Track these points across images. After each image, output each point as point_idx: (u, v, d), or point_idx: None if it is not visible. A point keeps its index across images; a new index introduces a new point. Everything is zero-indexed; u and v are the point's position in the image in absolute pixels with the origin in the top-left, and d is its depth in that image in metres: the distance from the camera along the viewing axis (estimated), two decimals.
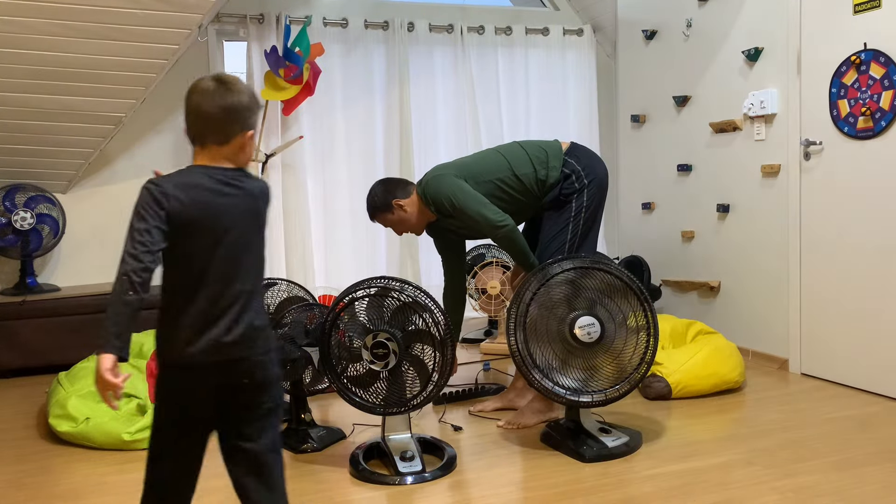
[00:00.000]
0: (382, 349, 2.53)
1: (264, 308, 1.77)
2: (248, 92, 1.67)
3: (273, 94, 4.46)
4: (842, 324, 3.50)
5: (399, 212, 3.01)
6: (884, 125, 3.24)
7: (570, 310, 2.64)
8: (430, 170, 3.07)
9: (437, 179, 2.96)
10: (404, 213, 3.01)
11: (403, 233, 3.11)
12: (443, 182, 2.93)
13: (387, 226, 3.09)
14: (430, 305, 2.56)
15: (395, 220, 3.03)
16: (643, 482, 2.44)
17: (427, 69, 5.06)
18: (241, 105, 1.65)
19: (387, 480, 2.50)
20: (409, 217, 3.02)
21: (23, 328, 4.08)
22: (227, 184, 1.65)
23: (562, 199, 2.96)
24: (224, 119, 1.64)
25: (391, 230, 3.16)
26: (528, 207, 3.02)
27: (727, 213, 4.21)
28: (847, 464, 2.54)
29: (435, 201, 2.95)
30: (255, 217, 1.71)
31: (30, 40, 3.48)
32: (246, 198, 1.68)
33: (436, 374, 2.56)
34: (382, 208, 3.02)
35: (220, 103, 1.62)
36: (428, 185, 2.97)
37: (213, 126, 1.64)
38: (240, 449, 1.71)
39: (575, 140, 5.23)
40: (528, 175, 2.96)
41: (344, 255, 4.96)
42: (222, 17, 4.69)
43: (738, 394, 3.42)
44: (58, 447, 2.97)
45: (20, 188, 4.29)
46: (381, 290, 2.57)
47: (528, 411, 3.04)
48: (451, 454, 2.66)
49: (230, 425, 1.70)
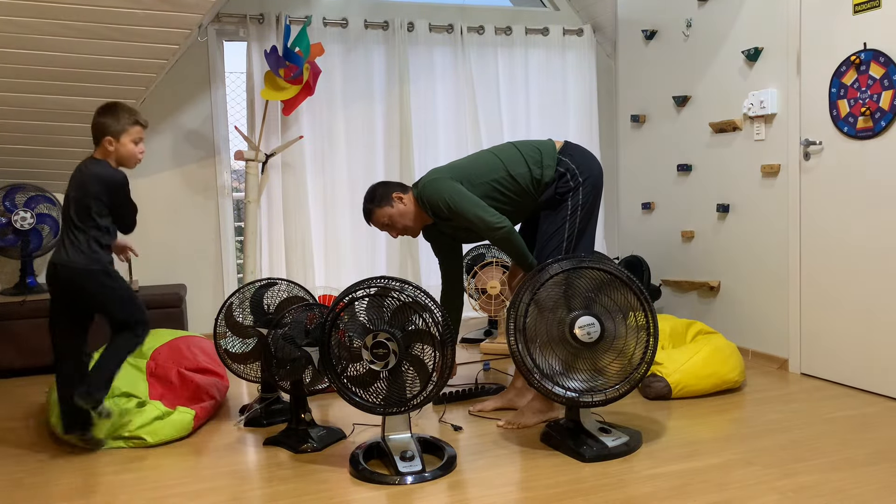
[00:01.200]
0: (382, 349, 2.53)
1: (78, 244, 2.79)
2: (101, 111, 2.82)
3: (273, 94, 4.46)
4: (842, 324, 3.50)
5: (399, 204, 3.02)
6: (883, 125, 3.24)
7: (567, 311, 2.64)
8: (425, 174, 3.08)
9: (433, 183, 2.96)
10: (403, 205, 3.03)
11: (400, 233, 3.11)
12: (439, 185, 2.94)
13: (384, 224, 3.07)
14: (429, 305, 2.56)
15: (395, 213, 3.03)
16: (643, 482, 2.44)
17: (427, 69, 5.06)
18: (97, 122, 2.81)
19: (387, 480, 2.50)
20: (409, 211, 3.03)
21: (23, 328, 4.08)
22: (79, 168, 2.83)
23: (557, 197, 2.97)
24: (92, 131, 2.85)
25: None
26: (524, 207, 3.03)
27: (727, 213, 4.21)
28: (847, 464, 2.54)
29: (431, 204, 2.95)
30: (81, 186, 2.77)
31: (30, 40, 3.48)
32: (79, 175, 2.80)
33: (436, 374, 2.56)
34: (382, 200, 3.02)
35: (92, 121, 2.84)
36: (424, 189, 2.98)
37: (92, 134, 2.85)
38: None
39: (575, 140, 5.26)
40: (523, 175, 2.97)
41: (344, 255, 4.96)
42: (222, 17, 4.69)
43: (738, 394, 3.42)
44: (58, 447, 2.97)
45: (20, 188, 4.29)
46: (381, 290, 2.57)
47: (528, 411, 3.04)
48: (451, 454, 2.66)
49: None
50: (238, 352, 3.21)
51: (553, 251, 2.93)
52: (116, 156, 2.83)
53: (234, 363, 3.22)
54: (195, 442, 2.98)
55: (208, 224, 4.90)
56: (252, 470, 2.67)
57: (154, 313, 4.21)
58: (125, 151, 2.83)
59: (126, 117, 2.82)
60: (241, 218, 5.07)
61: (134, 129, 2.83)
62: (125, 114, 2.82)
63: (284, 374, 2.81)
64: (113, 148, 2.81)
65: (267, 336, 2.83)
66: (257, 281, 3.25)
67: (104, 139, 2.80)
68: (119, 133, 2.80)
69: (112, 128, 2.79)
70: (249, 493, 2.45)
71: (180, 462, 2.77)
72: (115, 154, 2.82)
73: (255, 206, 4.61)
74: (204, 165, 4.87)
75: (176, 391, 3.19)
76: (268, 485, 2.52)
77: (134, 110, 2.86)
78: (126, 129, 2.81)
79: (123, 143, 2.82)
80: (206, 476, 2.63)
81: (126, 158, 2.85)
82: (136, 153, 2.85)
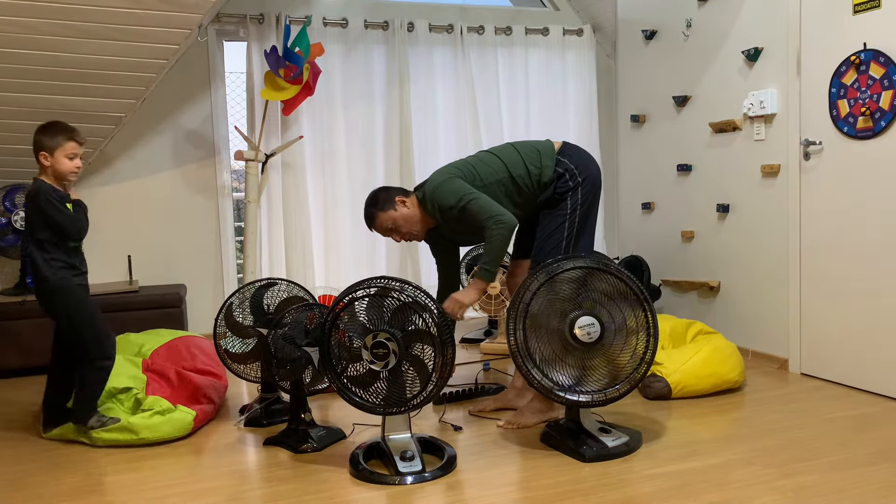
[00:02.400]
0: (382, 349, 2.53)
1: (42, 262, 2.88)
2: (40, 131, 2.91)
3: (273, 94, 4.46)
4: (842, 324, 3.50)
5: (402, 207, 3.01)
6: (883, 125, 3.24)
7: (572, 308, 2.64)
8: (430, 176, 3.06)
9: (445, 184, 2.95)
10: (406, 209, 3.01)
11: (404, 238, 3.08)
12: (452, 186, 2.93)
13: (387, 228, 3.04)
14: (430, 305, 2.56)
15: (399, 216, 3.01)
16: (643, 482, 2.44)
17: (427, 69, 5.06)
18: (35, 140, 2.91)
19: (387, 480, 2.50)
20: (412, 215, 3.02)
21: (23, 328, 4.08)
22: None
23: (556, 197, 2.98)
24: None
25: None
26: (525, 207, 3.03)
27: (727, 213, 4.21)
28: (847, 464, 2.54)
29: (441, 205, 2.93)
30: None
31: (30, 40, 3.48)
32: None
33: (436, 374, 2.56)
34: (385, 203, 3.00)
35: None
36: (435, 190, 2.95)
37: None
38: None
39: (575, 140, 5.26)
40: (522, 176, 2.98)
41: (344, 255, 4.97)
42: (222, 17, 4.69)
43: (737, 394, 3.42)
44: (58, 447, 2.97)
45: (20, 188, 4.29)
46: (381, 290, 2.57)
47: (528, 411, 3.04)
48: (451, 454, 2.66)
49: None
50: (238, 352, 3.21)
51: (552, 250, 2.93)
52: (52, 171, 2.91)
53: (234, 363, 3.22)
54: (195, 442, 2.98)
55: (208, 224, 4.90)
56: (252, 470, 2.67)
57: (154, 313, 4.23)
58: (60, 167, 2.90)
59: (61, 135, 2.90)
60: (241, 218, 5.07)
61: (68, 144, 2.90)
62: (60, 131, 2.91)
63: (284, 374, 2.81)
64: (49, 163, 2.89)
65: (267, 336, 2.83)
66: (257, 281, 3.25)
67: (39, 154, 2.90)
68: (53, 149, 2.88)
69: (46, 144, 2.89)
70: (249, 493, 2.45)
71: (180, 462, 2.76)
72: (51, 169, 2.90)
73: (255, 206, 4.61)
74: (204, 165, 4.87)
75: (174, 391, 3.19)
76: (268, 485, 2.52)
77: (71, 128, 2.94)
78: (60, 145, 2.89)
79: (57, 159, 2.89)
80: (206, 476, 2.63)
81: (61, 174, 2.92)
82: (71, 167, 2.92)
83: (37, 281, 2.91)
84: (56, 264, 2.88)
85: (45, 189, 2.86)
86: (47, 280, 2.88)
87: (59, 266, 2.89)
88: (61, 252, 2.90)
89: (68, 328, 2.94)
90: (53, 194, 2.87)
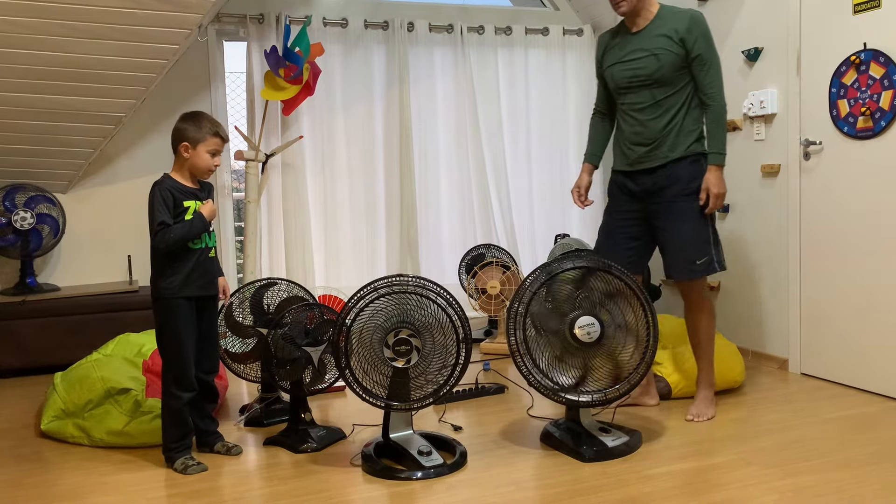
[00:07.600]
0: (405, 346, 2.55)
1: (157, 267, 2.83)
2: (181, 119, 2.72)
3: (273, 94, 4.46)
4: (842, 324, 3.50)
5: None
6: (883, 125, 3.24)
7: (571, 308, 2.64)
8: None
9: (710, 31, 2.96)
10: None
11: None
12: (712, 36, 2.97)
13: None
14: (450, 300, 2.61)
15: None
16: (643, 482, 2.44)
17: (427, 69, 5.06)
18: (175, 128, 2.72)
19: (408, 476, 2.52)
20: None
21: (23, 328, 4.08)
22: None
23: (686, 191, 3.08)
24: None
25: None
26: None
27: (727, 214, 4.21)
28: (847, 464, 2.54)
29: (702, 31, 2.93)
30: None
31: (30, 40, 3.48)
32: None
33: (458, 368, 2.62)
34: None
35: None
36: (703, 21, 2.95)
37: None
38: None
39: (575, 141, 5.26)
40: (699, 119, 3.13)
41: (344, 254, 4.96)
42: (222, 17, 4.69)
43: (738, 394, 3.42)
44: (58, 447, 2.97)
45: (20, 188, 4.29)
46: (400, 287, 2.59)
47: (702, 404, 3.10)
48: (461, 449, 2.71)
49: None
50: (238, 352, 3.20)
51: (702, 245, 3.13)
52: (190, 165, 2.72)
53: (234, 363, 3.22)
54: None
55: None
56: (252, 470, 2.67)
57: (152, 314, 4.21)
58: (200, 162, 2.71)
59: (209, 128, 2.70)
60: (241, 218, 5.07)
61: (214, 140, 2.71)
62: (209, 124, 2.72)
63: (284, 374, 2.81)
64: (188, 155, 2.70)
65: (267, 336, 2.83)
66: (257, 281, 3.25)
67: (180, 145, 2.70)
68: (198, 141, 2.69)
69: (191, 135, 2.68)
70: (249, 493, 2.45)
71: None
72: (189, 163, 2.71)
73: (255, 206, 4.61)
74: None
75: None
76: (268, 485, 2.52)
77: (218, 122, 2.75)
78: (205, 139, 2.69)
79: (199, 153, 2.69)
80: (206, 476, 2.63)
81: (200, 170, 2.73)
82: (210, 164, 2.72)
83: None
84: (162, 271, 2.78)
85: (165, 182, 2.69)
86: (154, 287, 2.81)
87: (165, 273, 2.80)
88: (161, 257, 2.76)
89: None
90: (172, 188, 2.68)
